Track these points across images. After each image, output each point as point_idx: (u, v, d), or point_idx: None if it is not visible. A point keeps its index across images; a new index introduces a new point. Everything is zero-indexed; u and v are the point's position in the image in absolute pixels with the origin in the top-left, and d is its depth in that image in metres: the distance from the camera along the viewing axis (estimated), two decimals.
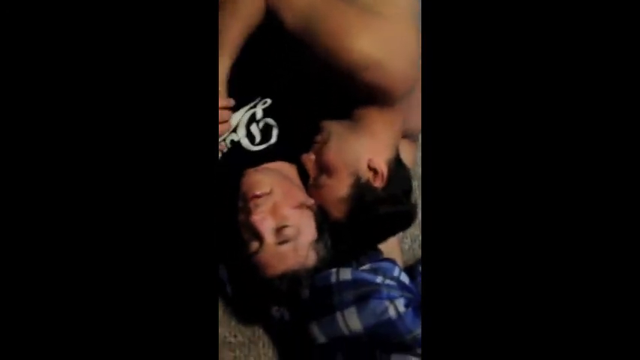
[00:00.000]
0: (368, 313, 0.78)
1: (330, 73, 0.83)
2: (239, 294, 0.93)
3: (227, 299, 0.96)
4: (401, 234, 1.01)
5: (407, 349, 0.77)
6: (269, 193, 0.83)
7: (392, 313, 0.79)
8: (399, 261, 0.93)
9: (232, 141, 0.96)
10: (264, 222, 0.81)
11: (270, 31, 0.92)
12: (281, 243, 0.81)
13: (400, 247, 1.01)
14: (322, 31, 0.81)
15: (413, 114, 0.85)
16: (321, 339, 0.81)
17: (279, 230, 0.81)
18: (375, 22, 0.80)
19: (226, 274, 0.93)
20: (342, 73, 0.80)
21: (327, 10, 0.82)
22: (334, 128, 0.88)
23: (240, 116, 0.97)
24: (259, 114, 0.97)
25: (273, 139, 0.95)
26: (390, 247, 0.92)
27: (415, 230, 1.05)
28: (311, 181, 0.88)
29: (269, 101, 0.97)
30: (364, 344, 0.80)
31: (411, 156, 1.01)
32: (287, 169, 0.93)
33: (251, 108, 0.98)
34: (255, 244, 0.82)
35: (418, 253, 1.04)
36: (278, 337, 0.94)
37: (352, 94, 0.86)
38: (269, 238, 0.81)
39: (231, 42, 0.89)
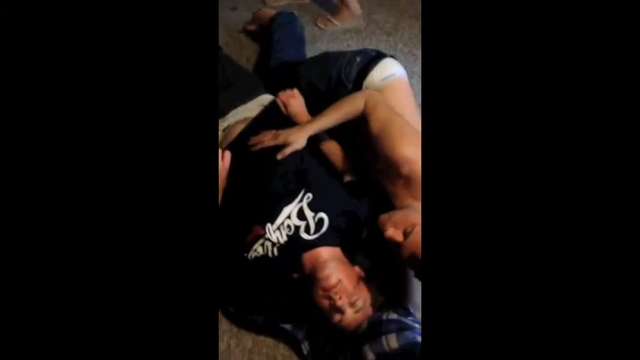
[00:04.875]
0: (403, 338, 1.18)
1: (383, 167, 1.34)
2: (314, 350, 1.37)
3: (302, 356, 1.39)
4: None
5: None
6: (340, 282, 1.28)
7: (418, 340, 1.18)
8: None
9: (289, 227, 1.38)
10: (344, 303, 1.26)
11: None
12: (356, 312, 1.26)
13: None
14: (387, 135, 1.33)
15: None
16: (370, 356, 1.21)
17: (353, 303, 1.27)
18: (418, 139, 1.30)
19: (302, 334, 1.38)
20: (392, 166, 1.30)
21: (395, 124, 1.36)
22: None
23: (290, 209, 1.41)
24: (306, 209, 1.41)
25: (324, 229, 1.39)
26: None
27: None
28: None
29: (311, 196, 1.42)
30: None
31: None
32: (337, 252, 1.39)
33: (298, 202, 1.41)
34: (338, 317, 1.27)
35: None
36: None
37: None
38: (348, 310, 1.27)
39: (330, 120, 1.45)
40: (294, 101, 1.62)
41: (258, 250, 1.40)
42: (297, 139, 1.44)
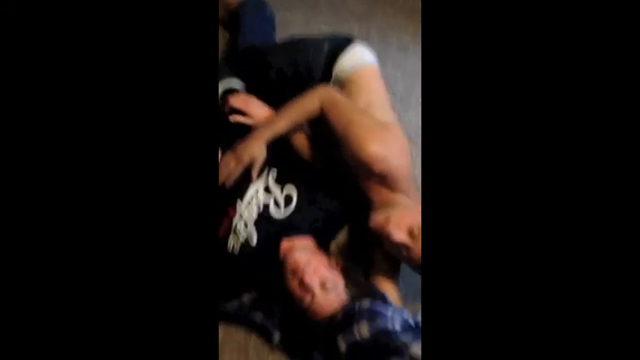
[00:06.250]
0: (374, 325, 1.18)
1: (354, 167, 1.32)
2: (285, 339, 1.36)
3: (274, 346, 1.38)
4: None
5: (398, 350, 1.15)
6: (308, 263, 1.27)
7: (389, 326, 1.18)
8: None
9: (258, 203, 1.38)
10: (312, 281, 1.24)
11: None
12: (327, 293, 1.25)
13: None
14: (351, 136, 1.30)
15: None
16: (343, 347, 1.20)
17: (323, 284, 1.25)
18: (384, 134, 1.30)
19: (273, 325, 1.36)
20: (362, 166, 1.29)
21: (357, 123, 1.32)
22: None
23: (257, 186, 1.40)
24: (272, 184, 1.41)
25: (294, 204, 1.39)
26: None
27: None
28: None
29: (276, 170, 1.42)
30: (371, 349, 1.18)
31: None
32: (309, 242, 1.39)
33: (265, 177, 1.41)
34: (308, 298, 1.25)
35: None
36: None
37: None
38: (318, 291, 1.25)
39: (284, 124, 1.40)
40: (249, 103, 1.55)
41: (236, 232, 1.39)
42: (258, 153, 1.40)
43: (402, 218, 1.22)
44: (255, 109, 1.51)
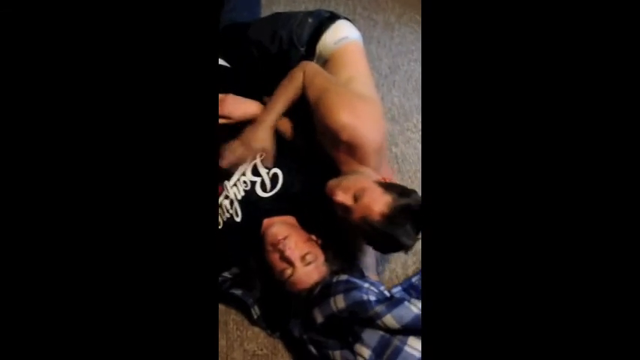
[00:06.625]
0: (349, 297, 1.20)
1: (325, 135, 1.31)
2: (264, 313, 1.38)
3: (253, 320, 1.40)
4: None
5: (371, 320, 1.18)
6: (288, 236, 1.29)
7: (364, 297, 1.20)
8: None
9: (245, 183, 1.39)
10: (293, 254, 1.26)
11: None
12: (306, 265, 1.27)
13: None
14: (324, 104, 1.30)
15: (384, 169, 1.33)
16: (319, 319, 1.22)
17: (303, 257, 1.27)
18: (357, 104, 1.29)
19: (252, 299, 1.38)
20: (331, 134, 1.28)
21: (331, 92, 1.32)
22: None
23: (245, 168, 1.40)
24: (260, 166, 1.41)
25: (279, 185, 1.40)
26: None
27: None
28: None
29: (264, 154, 1.42)
30: (346, 320, 1.20)
31: None
32: (290, 219, 1.41)
33: (252, 160, 1.40)
34: (289, 270, 1.27)
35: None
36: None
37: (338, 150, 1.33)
38: (298, 263, 1.27)
39: (281, 105, 1.41)
40: (224, 105, 1.49)
41: (221, 209, 1.41)
42: (267, 142, 1.40)
43: (352, 183, 1.23)
44: (230, 108, 1.47)
